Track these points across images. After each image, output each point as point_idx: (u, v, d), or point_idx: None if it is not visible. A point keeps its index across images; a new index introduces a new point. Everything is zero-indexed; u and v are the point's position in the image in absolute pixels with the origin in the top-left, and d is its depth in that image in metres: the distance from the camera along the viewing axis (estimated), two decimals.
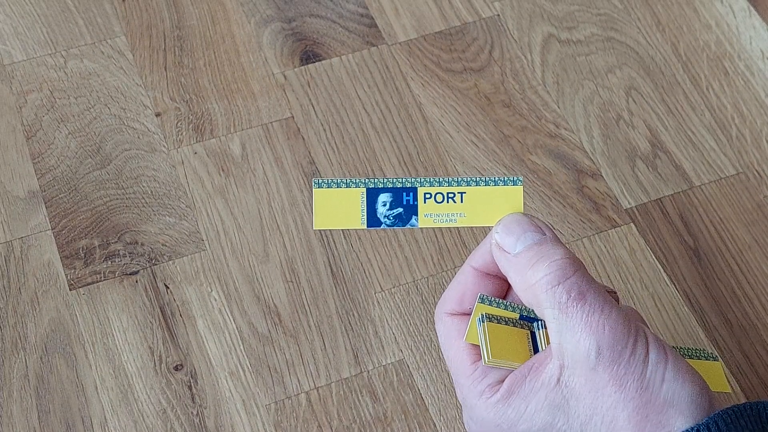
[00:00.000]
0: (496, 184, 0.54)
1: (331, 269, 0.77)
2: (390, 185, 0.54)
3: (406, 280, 0.76)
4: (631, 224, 0.79)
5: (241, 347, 0.73)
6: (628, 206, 0.80)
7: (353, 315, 0.75)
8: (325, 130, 0.84)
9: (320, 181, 0.55)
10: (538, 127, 0.84)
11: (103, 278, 0.76)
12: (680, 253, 0.78)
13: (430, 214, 0.54)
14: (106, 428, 0.70)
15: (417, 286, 0.76)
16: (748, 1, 0.90)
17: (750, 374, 0.73)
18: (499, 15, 0.91)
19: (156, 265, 0.77)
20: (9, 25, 0.90)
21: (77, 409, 0.71)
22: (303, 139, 0.83)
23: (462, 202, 0.54)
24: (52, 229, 0.79)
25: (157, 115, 0.85)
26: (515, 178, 0.54)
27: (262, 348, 0.73)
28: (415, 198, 0.54)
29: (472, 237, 0.78)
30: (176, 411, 0.71)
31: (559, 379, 0.52)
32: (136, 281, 0.76)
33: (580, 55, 0.88)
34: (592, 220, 0.79)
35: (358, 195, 0.54)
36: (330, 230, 0.79)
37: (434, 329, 0.73)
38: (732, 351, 0.73)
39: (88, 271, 0.77)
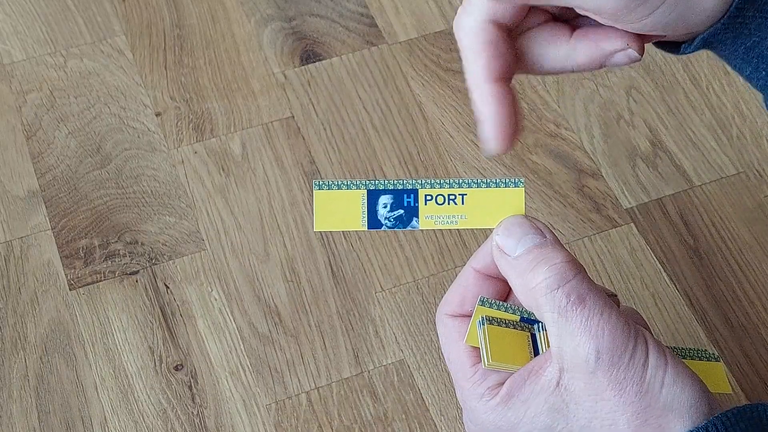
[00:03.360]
0: (497, 185, 0.54)
1: (332, 269, 0.77)
2: (391, 187, 0.54)
3: (407, 279, 0.76)
4: (632, 224, 0.79)
5: (242, 347, 0.73)
6: (629, 206, 0.80)
7: (354, 315, 0.75)
8: (325, 129, 0.84)
9: (321, 182, 0.54)
10: (539, 127, 0.84)
11: (103, 278, 0.76)
12: (681, 252, 0.78)
13: (430, 216, 0.54)
14: (106, 428, 0.70)
15: (418, 286, 0.76)
16: None
17: (750, 374, 0.72)
18: None
19: (156, 264, 0.77)
20: (9, 24, 0.90)
21: (77, 409, 0.71)
22: (303, 138, 0.83)
23: (463, 203, 0.54)
24: (52, 229, 0.79)
25: (157, 114, 0.85)
26: (516, 180, 0.54)
27: (263, 348, 0.73)
28: (416, 200, 0.54)
29: (472, 237, 0.78)
30: (176, 411, 0.71)
31: (558, 383, 0.52)
32: (136, 281, 0.76)
33: None
34: (592, 220, 0.79)
35: (359, 197, 0.54)
36: (330, 230, 0.78)
37: (435, 329, 0.73)
38: (732, 351, 0.73)
39: (88, 271, 0.77)
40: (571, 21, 0.55)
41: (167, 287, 0.76)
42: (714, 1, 0.51)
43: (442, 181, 0.54)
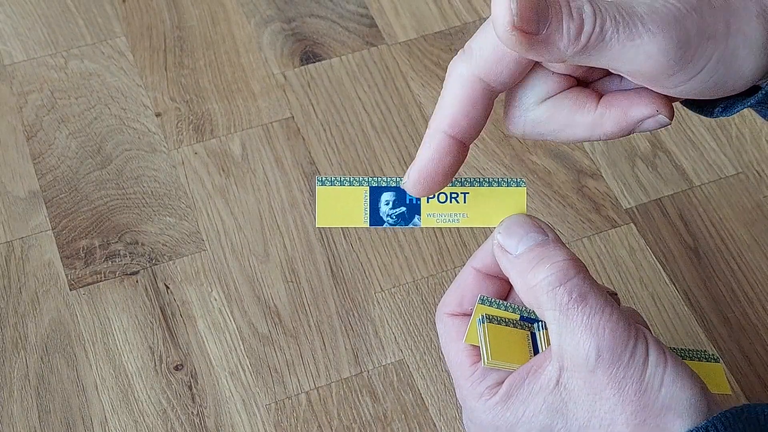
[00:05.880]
0: (499, 185, 0.54)
1: (331, 269, 0.77)
2: (393, 184, 0.54)
3: (406, 280, 0.76)
4: (631, 224, 0.79)
5: (242, 347, 0.73)
6: (628, 206, 0.80)
7: (353, 315, 0.75)
8: (325, 130, 0.84)
9: (323, 179, 0.55)
10: None
11: (103, 278, 0.76)
12: (680, 252, 0.78)
13: (432, 214, 0.54)
14: (107, 428, 0.70)
15: (417, 286, 0.76)
16: None
17: (749, 374, 0.73)
18: None
19: (156, 265, 0.77)
20: (9, 25, 0.90)
21: (77, 409, 0.71)
22: (303, 139, 0.84)
23: (465, 202, 0.54)
24: (52, 229, 0.79)
25: (158, 115, 0.85)
26: (519, 180, 0.54)
27: (262, 348, 0.73)
28: (418, 197, 0.54)
29: (472, 237, 0.78)
30: (176, 411, 0.71)
31: (558, 382, 0.52)
32: (137, 281, 0.76)
33: None
34: (591, 220, 0.79)
35: (361, 193, 0.54)
36: (330, 230, 0.79)
37: (434, 329, 0.74)
38: (731, 351, 0.73)
39: (88, 271, 0.77)
40: (594, 85, 0.53)
41: (167, 287, 0.76)
42: (752, 68, 0.50)
43: None
